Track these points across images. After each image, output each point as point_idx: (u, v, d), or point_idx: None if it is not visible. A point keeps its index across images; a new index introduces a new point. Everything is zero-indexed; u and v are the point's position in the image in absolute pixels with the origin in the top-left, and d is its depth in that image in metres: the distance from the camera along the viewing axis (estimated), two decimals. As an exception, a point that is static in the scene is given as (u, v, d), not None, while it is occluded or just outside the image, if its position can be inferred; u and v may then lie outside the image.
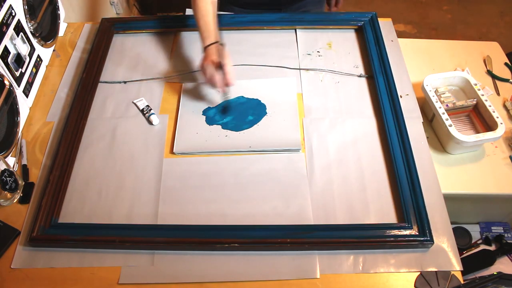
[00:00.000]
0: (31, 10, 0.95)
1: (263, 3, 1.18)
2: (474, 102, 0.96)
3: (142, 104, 0.94)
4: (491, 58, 1.14)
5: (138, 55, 1.05)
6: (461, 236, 1.02)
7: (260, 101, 0.94)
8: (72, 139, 0.87)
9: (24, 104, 0.93)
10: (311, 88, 0.97)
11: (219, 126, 0.90)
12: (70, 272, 0.72)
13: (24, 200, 0.81)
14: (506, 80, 1.10)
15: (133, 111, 0.94)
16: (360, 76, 0.99)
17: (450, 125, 0.89)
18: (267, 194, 0.80)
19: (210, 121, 0.91)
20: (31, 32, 0.96)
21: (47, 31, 1.04)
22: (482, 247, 1.02)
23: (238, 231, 0.74)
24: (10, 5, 0.87)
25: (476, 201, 0.97)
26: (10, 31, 0.87)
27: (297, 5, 1.22)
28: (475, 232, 1.04)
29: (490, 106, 0.92)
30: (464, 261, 0.74)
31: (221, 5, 1.30)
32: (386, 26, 1.09)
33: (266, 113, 0.92)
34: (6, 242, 0.75)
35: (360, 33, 1.08)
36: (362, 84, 0.98)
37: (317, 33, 1.09)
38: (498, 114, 0.90)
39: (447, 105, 0.95)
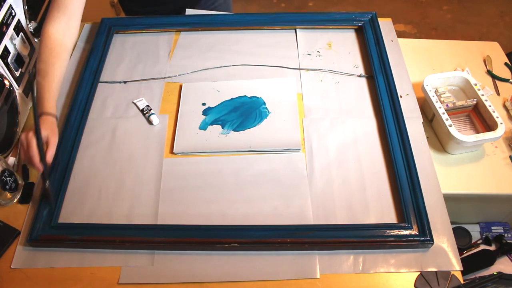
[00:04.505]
0: (31, 10, 0.95)
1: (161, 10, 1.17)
2: (474, 102, 0.96)
3: (142, 104, 0.94)
4: (491, 58, 1.14)
5: (138, 55, 1.05)
6: (461, 236, 1.02)
7: (261, 100, 0.94)
8: (72, 139, 0.87)
9: (24, 104, 0.93)
10: (311, 88, 0.97)
11: (219, 126, 0.90)
12: (70, 272, 0.72)
13: (24, 200, 0.81)
14: (506, 80, 1.10)
15: (133, 111, 0.94)
16: (360, 76, 0.99)
17: (450, 125, 0.89)
18: (267, 194, 0.80)
19: (210, 121, 0.91)
20: (31, 32, 0.96)
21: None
22: (482, 247, 1.02)
23: (238, 231, 0.74)
24: (10, 5, 0.87)
25: (476, 201, 0.97)
26: (10, 31, 0.87)
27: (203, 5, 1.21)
28: (475, 232, 1.04)
29: (490, 106, 0.92)
30: (464, 261, 0.74)
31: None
32: (386, 26, 1.09)
33: (267, 114, 0.92)
34: (6, 242, 0.75)
35: (360, 33, 1.08)
36: (362, 84, 0.98)
37: (317, 33, 1.09)
38: (498, 114, 0.90)
39: (447, 105, 0.95)
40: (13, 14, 0.89)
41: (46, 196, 0.77)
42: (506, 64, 1.13)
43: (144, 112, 0.93)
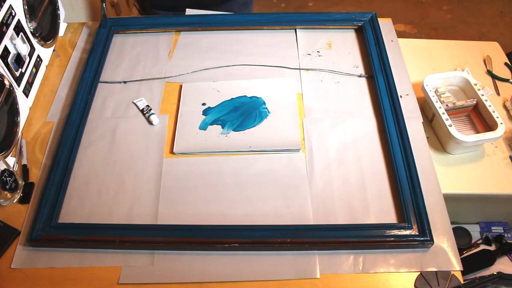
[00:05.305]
0: (31, 10, 0.95)
1: (187, 4, 1.18)
2: (474, 102, 0.96)
3: (142, 104, 0.94)
4: (491, 58, 1.14)
5: (138, 55, 1.05)
6: (461, 236, 1.02)
7: (261, 100, 0.94)
8: (72, 139, 0.87)
9: (24, 104, 0.93)
10: (311, 88, 0.97)
11: (219, 126, 0.90)
12: (70, 272, 0.72)
13: (24, 200, 0.81)
14: (506, 80, 1.10)
15: (133, 111, 0.94)
16: (360, 76, 0.99)
17: (450, 125, 0.89)
18: (267, 194, 0.80)
19: (210, 121, 0.91)
20: (31, 32, 0.96)
21: (47, 31, 1.04)
22: (482, 247, 1.02)
23: (238, 231, 0.74)
24: (10, 5, 0.87)
25: (476, 201, 0.97)
26: (10, 31, 0.87)
27: (223, 7, 1.22)
28: (475, 232, 1.04)
29: (490, 106, 0.92)
30: (464, 261, 0.74)
31: (145, 10, 1.33)
32: (386, 26, 1.09)
33: (267, 114, 0.92)
34: (6, 242, 0.75)
35: (360, 33, 1.08)
36: (362, 84, 0.98)
37: (317, 33, 1.09)
38: (498, 114, 0.91)
39: (447, 105, 0.95)
40: (13, 14, 0.89)
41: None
42: (506, 64, 1.13)
43: (144, 112, 0.93)
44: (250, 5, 1.34)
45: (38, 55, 1.00)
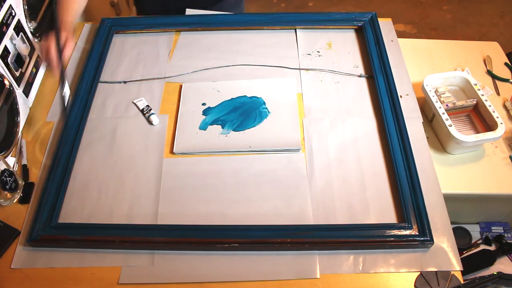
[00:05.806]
0: (31, 10, 0.95)
1: (179, 9, 1.18)
2: (474, 102, 0.96)
3: (142, 104, 0.94)
4: (491, 58, 1.14)
5: (138, 55, 1.05)
6: (461, 236, 1.02)
7: (261, 100, 0.94)
8: (72, 139, 0.87)
9: (24, 104, 0.93)
10: (311, 88, 0.97)
11: (219, 126, 0.90)
12: (70, 272, 0.72)
13: (24, 200, 0.81)
14: (506, 80, 1.10)
15: (133, 111, 0.94)
16: (360, 76, 0.99)
17: (450, 125, 0.89)
18: (267, 194, 0.80)
19: (210, 121, 0.91)
20: (31, 32, 0.96)
21: (47, 31, 1.04)
22: (482, 247, 1.02)
23: (238, 231, 0.74)
24: (10, 5, 0.87)
25: (476, 201, 0.97)
26: (10, 31, 0.87)
27: (215, 7, 1.22)
28: (475, 232, 1.04)
29: (490, 106, 0.92)
30: (464, 261, 0.74)
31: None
32: (386, 26, 1.09)
33: (267, 114, 0.92)
34: (6, 242, 0.75)
35: (360, 33, 1.08)
36: (362, 84, 0.98)
37: (317, 33, 1.09)
38: (498, 114, 0.91)
39: (447, 105, 0.95)
40: (13, 14, 0.89)
41: (61, 100, 0.86)
42: (506, 64, 1.13)
43: (144, 112, 0.93)
44: (241, 4, 1.33)
45: (38, 55, 1.00)
